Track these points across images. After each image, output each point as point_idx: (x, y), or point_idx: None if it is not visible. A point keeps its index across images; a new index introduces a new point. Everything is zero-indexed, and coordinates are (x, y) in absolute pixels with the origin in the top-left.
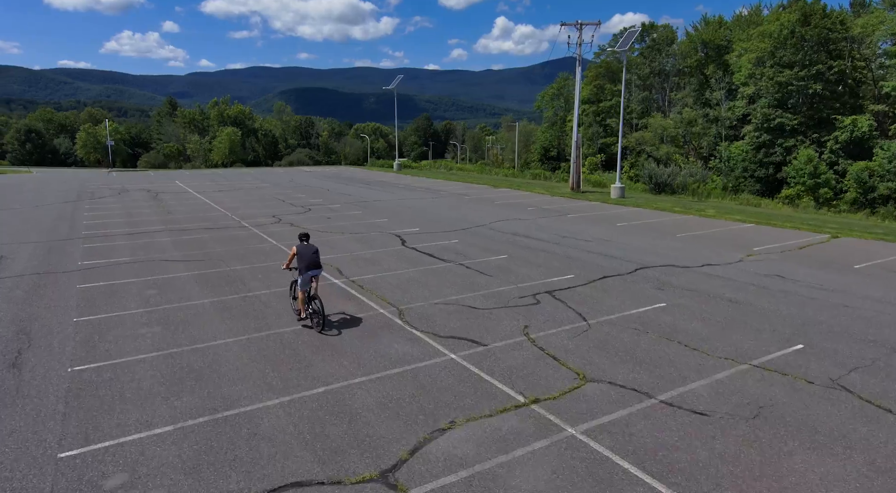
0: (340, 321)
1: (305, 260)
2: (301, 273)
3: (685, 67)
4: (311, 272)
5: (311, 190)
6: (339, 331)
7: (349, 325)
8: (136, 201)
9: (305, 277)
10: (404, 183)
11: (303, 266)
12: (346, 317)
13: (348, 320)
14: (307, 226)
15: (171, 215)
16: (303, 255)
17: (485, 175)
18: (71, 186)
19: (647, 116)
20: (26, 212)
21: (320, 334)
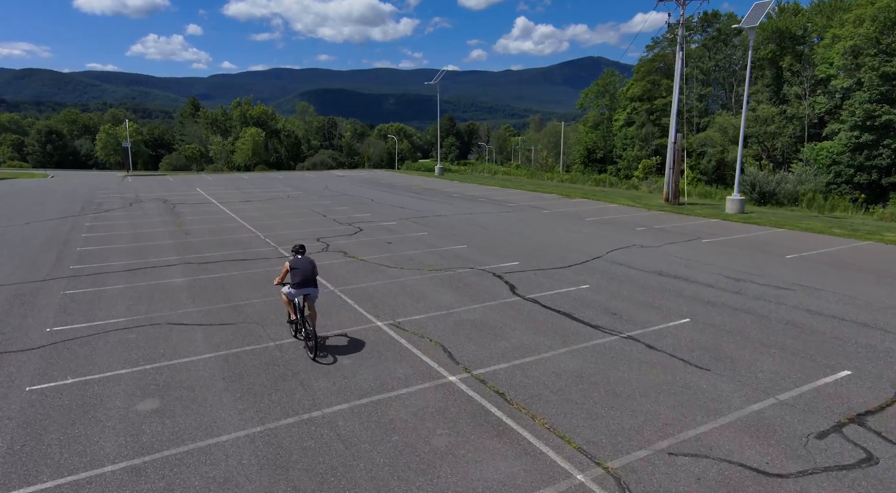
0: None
1: (300, 275)
2: (295, 287)
3: (756, 60)
4: (305, 290)
5: (353, 200)
6: (333, 357)
7: (346, 350)
8: (147, 216)
9: (299, 294)
10: (455, 191)
11: (298, 281)
12: (230, 256)
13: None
14: (366, 255)
15: (189, 238)
16: (298, 270)
17: (538, 180)
18: (78, 195)
19: (709, 114)
20: (13, 232)
21: (314, 361)
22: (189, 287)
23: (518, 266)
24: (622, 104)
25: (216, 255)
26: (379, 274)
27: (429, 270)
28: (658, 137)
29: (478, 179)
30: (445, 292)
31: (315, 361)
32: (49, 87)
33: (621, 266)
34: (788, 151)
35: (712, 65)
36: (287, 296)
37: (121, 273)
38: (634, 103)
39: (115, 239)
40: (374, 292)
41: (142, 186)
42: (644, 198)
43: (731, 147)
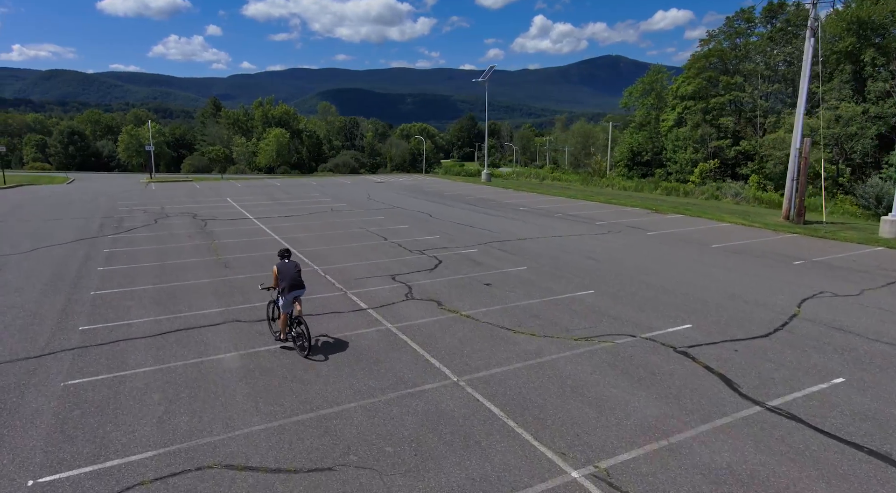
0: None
1: (288, 280)
2: (284, 294)
3: (833, 53)
4: (295, 293)
5: (408, 216)
6: (325, 356)
7: (335, 348)
8: (176, 238)
9: (288, 298)
10: (517, 202)
11: (285, 286)
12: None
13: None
14: (468, 306)
15: (229, 273)
16: (285, 274)
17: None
18: (98, 206)
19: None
20: (13, 265)
21: (306, 359)
22: (245, 375)
23: (693, 331)
24: (671, 103)
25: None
26: (504, 346)
27: (573, 338)
28: (716, 138)
29: (530, 186)
30: (632, 392)
31: (307, 358)
32: (73, 87)
33: (847, 334)
34: (872, 154)
35: (780, 59)
36: (283, 309)
37: (146, 341)
38: (686, 102)
39: (138, 275)
40: (520, 389)
41: (166, 195)
42: (752, 214)
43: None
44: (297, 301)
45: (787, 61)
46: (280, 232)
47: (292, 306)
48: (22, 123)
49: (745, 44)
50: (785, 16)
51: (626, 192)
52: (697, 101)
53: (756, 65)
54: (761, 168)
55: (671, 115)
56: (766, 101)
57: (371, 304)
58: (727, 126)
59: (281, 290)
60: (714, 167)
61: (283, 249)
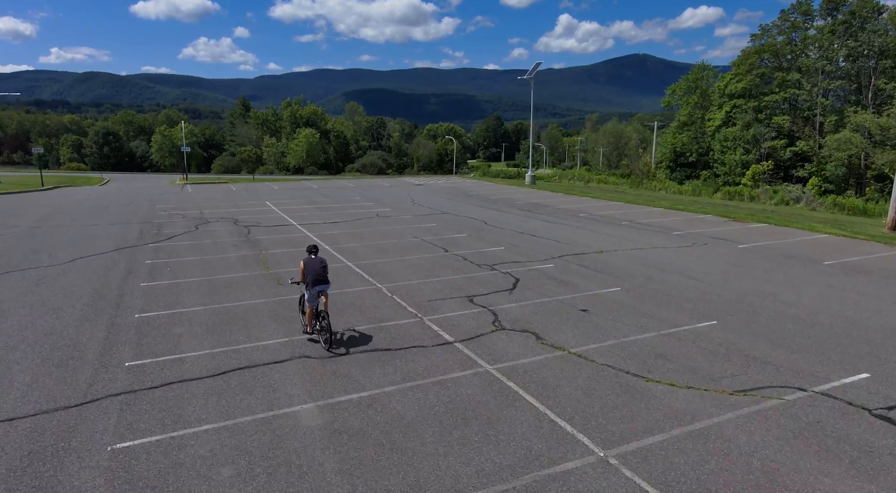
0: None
1: (313, 274)
2: (308, 288)
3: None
4: (319, 287)
5: (462, 223)
6: (346, 349)
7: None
8: (221, 247)
9: (313, 291)
10: (574, 208)
11: (310, 280)
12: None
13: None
14: (573, 341)
15: (284, 290)
16: (310, 269)
17: (648, 192)
18: (135, 210)
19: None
20: (51, 280)
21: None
22: (331, 439)
23: (876, 382)
24: (717, 102)
25: (336, 335)
26: (643, 401)
27: (726, 392)
28: (771, 138)
29: (579, 189)
30: (856, 485)
31: (329, 351)
32: (108, 89)
33: None
34: None
35: (842, 54)
36: (309, 303)
37: (205, 384)
38: (736, 101)
39: (185, 293)
40: (697, 475)
41: (203, 197)
42: (845, 223)
43: (876, 151)
44: (322, 295)
45: (852, 56)
46: (330, 241)
47: (318, 300)
48: (59, 123)
49: (802, 38)
50: (848, 7)
51: (683, 196)
52: (749, 99)
53: (815, 60)
54: (820, 170)
55: (718, 114)
56: (826, 98)
57: (456, 335)
58: (782, 126)
59: (307, 284)
60: (768, 169)
61: (311, 244)
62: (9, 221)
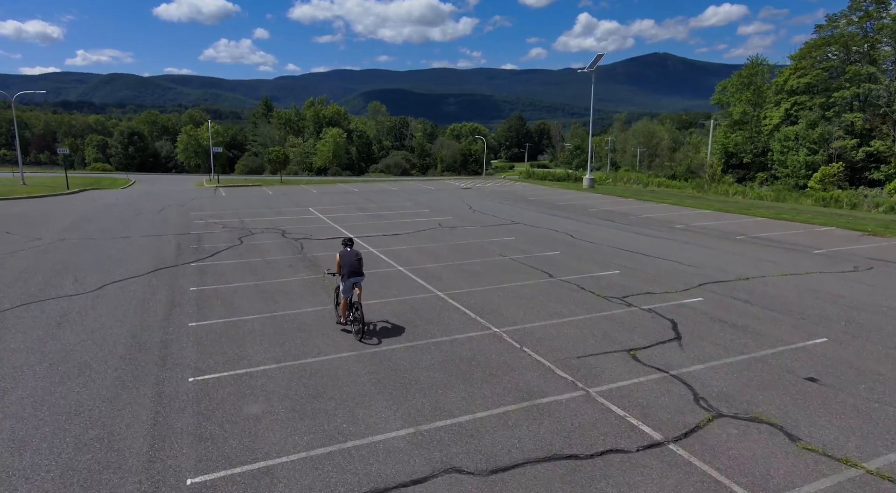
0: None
1: (348, 267)
2: (344, 279)
3: None
4: (354, 279)
5: (546, 237)
6: (378, 339)
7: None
8: (274, 266)
9: (348, 283)
10: (665, 217)
11: (346, 272)
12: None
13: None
14: (860, 449)
15: (367, 337)
16: (346, 261)
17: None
18: (168, 218)
19: None
20: (76, 314)
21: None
22: None
23: None
24: (773, 99)
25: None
26: None
27: None
28: (841, 137)
29: (647, 194)
30: None
31: (361, 342)
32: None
33: None
34: None
35: None
36: (343, 294)
37: None
38: (798, 97)
39: (245, 340)
40: None
41: (240, 203)
42: None
43: None
44: (356, 287)
45: None
46: (400, 259)
47: (352, 291)
48: (84, 124)
49: (877, 27)
50: None
51: (765, 201)
52: (813, 95)
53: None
54: None
55: (776, 112)
56: None
57: (659, 427)
58: (854, 123)
59: (342, 276)
60: (839, 171)
61: (346, 237)
62: (31, 231)
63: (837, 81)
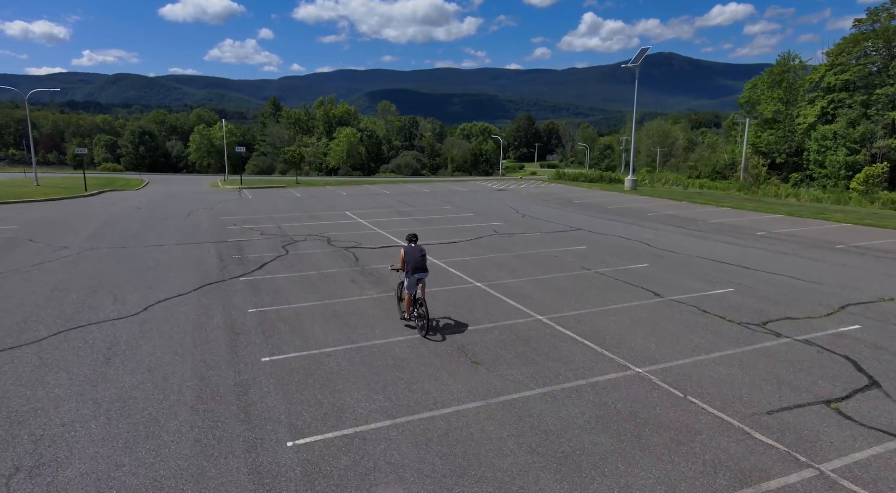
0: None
1: (412, 263)
2: (408, 275)
3: None
4: (418, 275)
5: (619, 246)
6: (442, 336)
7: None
8: (335, 282)
9: (412, 279)
10: (741, 224)
11: (410, 268)
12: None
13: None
14: None
15: (488, 370)
16: (410, 257)
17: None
18: (199, 223)
19: None
20: (123, 344)
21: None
22: None
23: None
24: (806, 97)
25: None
26: None
27: None
28: (885, 136)
29: (696, 196)
30: None
31: (426, 338)
32: (136, 90)
33: None
34: None
35: None
36: (408, 290)
37: None
38: (836, 94)
39: (336, 383)
40: None
41: (270, 206)
42: None
43: None
44: (420, 283)
45: None
46: (470, 271)
47: (416, 287)
48: (92, 123)
49: None
50: None
51: (822, 205)
52: (853, 92)
53: None
54: None
55: (811, 110)
56: None
57: None
58: None
59: (406, 272)
60: (883, 172)
61: (410, 233)
62: (55, 238)
63: (879, 78)
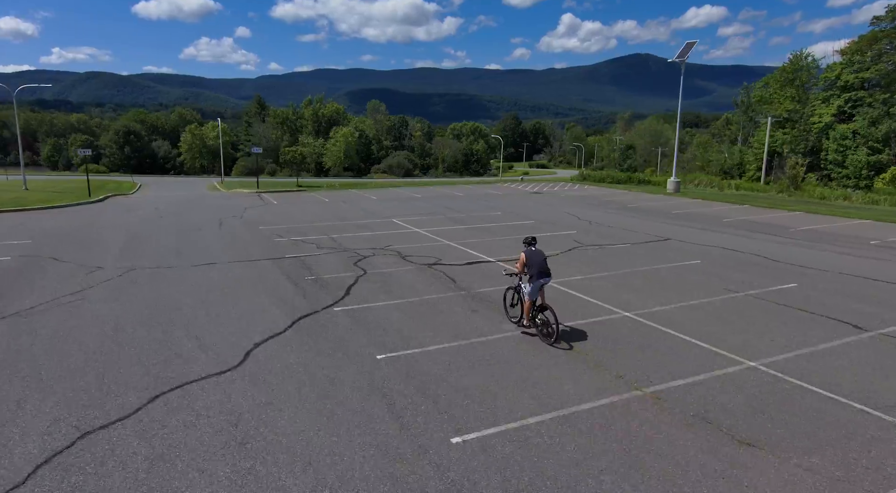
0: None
1: (536, 267)
2: (532, 280)
3: None
4: (543, 280)
5: (744, 261)
6: (569, 344)
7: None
8: (449, 313)
9: (536, 284)
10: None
11: (534, 273)
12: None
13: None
14: None
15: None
16: (533, 261)
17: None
18: (238, 235)
19: None
20: (252, 429)
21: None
22: None
23: None
24: (820, 96)
25: None
26: None
27: None
28: None
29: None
30: None
31: (554, 346)
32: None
33: None
34: None
35: None
36: (530, 296)
37: None
38: (855, 92)
39: (562, 465)
40: None
41: (302, 212)
42: None
43: None
44: (542, 288)
45: None
46: (610, 300)
47: (538, 293)
48: (66, 123)
49: None
50: None
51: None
52: (872, 90)
53: None
54: None
55: (826, 109)
56: None
57: None
58: None
59: (529, 277)
60: None
61: (529, 236)
62: (83, 256)
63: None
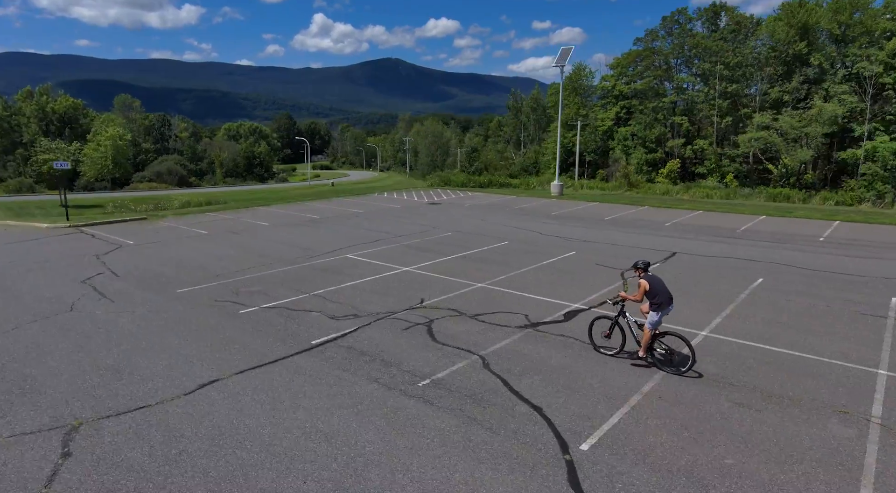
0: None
1: (664, 294)
2: (661, 309)
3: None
4: (671, 307)
5: (765, 270)
6: (699, 374)
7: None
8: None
9: (662, 314)
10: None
11: (664, 300)
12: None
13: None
14: None
15: None
16: (658, 289)
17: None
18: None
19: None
20: None
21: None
22: None
23: None
24: (600, 103)
25: None
26: None
27: None
28: (670, 137)
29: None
30: None
31: (683, 375)
32: None
33: None
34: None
35: (736, 61)
36: (651, 327)
37: None
38: (628, 102)
39: None
40: None
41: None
42: None
43: (797, 149)
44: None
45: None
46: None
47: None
48: None
49: (692, 44)
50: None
51: (731, 201)
52: (645, 99)
53: (713, 65)
54: (718, 168)
55: (607, 114)
56: (723, 100)
57: None
58: (681, 125)
59: (657, 305)
60: (676, 167)
61: (642, 260)
62: None
63: (662, 88)
